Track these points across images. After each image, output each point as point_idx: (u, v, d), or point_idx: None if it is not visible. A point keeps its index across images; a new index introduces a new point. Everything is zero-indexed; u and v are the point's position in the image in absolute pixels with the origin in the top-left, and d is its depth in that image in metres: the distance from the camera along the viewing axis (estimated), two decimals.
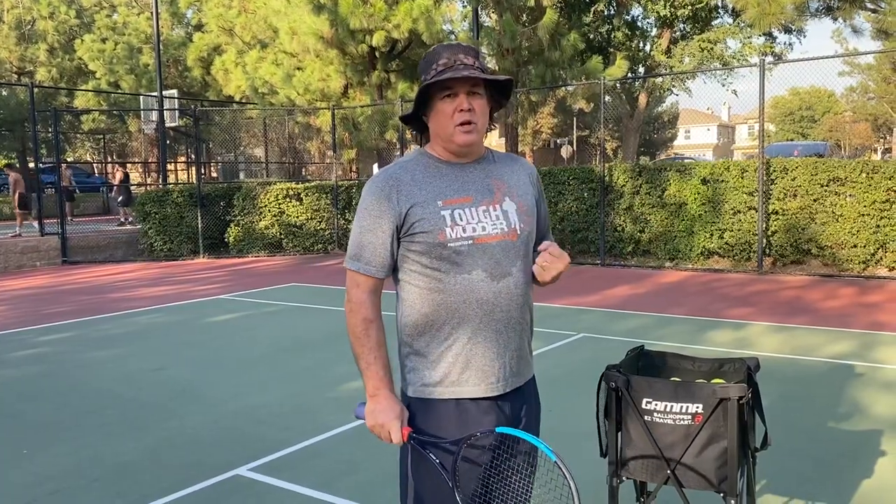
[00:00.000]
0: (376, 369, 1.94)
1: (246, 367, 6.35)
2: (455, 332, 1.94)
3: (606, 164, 12.91)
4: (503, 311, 1.96)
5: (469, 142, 1.94)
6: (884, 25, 15.91)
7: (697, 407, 2.24)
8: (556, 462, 1.73)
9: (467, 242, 1.92)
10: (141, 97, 23.36)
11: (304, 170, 27.15)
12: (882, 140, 43.93)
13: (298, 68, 18.35)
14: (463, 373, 1.94)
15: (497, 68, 17.38)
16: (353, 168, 20.11)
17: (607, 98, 14.48)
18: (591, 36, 20.93)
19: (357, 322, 1.96)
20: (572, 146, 41.86)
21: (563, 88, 16.67)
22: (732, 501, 2.27)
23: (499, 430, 1.88)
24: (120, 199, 20.43)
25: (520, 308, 2.00)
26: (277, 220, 15.45)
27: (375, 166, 22.30)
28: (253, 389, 5.68)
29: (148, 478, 4.03)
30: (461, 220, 1.93)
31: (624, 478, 2.42)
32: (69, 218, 18.18)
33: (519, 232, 1.99)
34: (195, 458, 4.30)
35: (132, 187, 21.35)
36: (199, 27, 28.68)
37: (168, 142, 24.92)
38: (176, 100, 21.43)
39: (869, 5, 15.12)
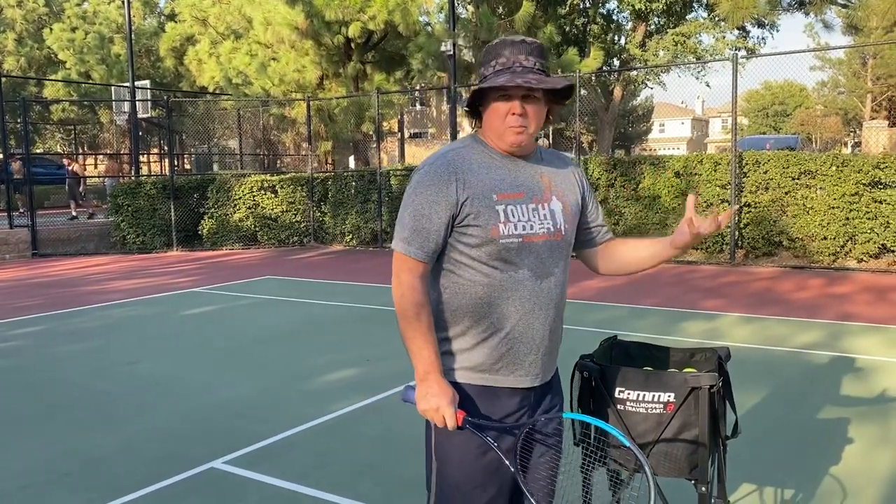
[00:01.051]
0: (428, 353, 1.92)
1: (220, 360, 6.32)
2: (494, 325, 1.95)
3: (582, 157, 12.98)
4: (542, 309, 1.98)
5: (519, 142, 1.94)
6: (854, 21, 16.14)
7: (669, 396, 2.27)
8: (628, 447, 1.77)
9: (517, 240, 1.93)
10: (112, 87, 23.03)
11: (279, 162, 26.96)
12: (852, 134, 44.59)
13: (273, 59, 18.20)
14: (496, 363, 1.96)
15: (473, 60, 17.39)
16: (329, 160, 20.02)
17: (583, 91, 14.54)
18: (567, 28, 21.00)
19: (409, 306, 1.93)
20: (548, 139, 41.99)
21: None
22: (703, 488, 2.30)
23: (566, 415, 1.93)
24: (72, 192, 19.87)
25: (556, 307, 2.02)
26: (252, 212, 15.34)
27: (352, 159, 22.22)
28: (227, 382, 5.65)
29: (121, 471, 4.00)
30: (514, 216, 1.94)
31: (597, 466, 2.44)
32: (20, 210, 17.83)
33: (564, 233, 2.02)
34: (169, 451, 4.28)
35: (105, 179, 21.05)
36: (171, 17, 28.33)
37: (140, 133, 24.61)
38: (148, 90, 21.17)
39: (840, 0, 15.32)
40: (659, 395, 2.28)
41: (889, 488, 3.58)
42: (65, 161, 21.63)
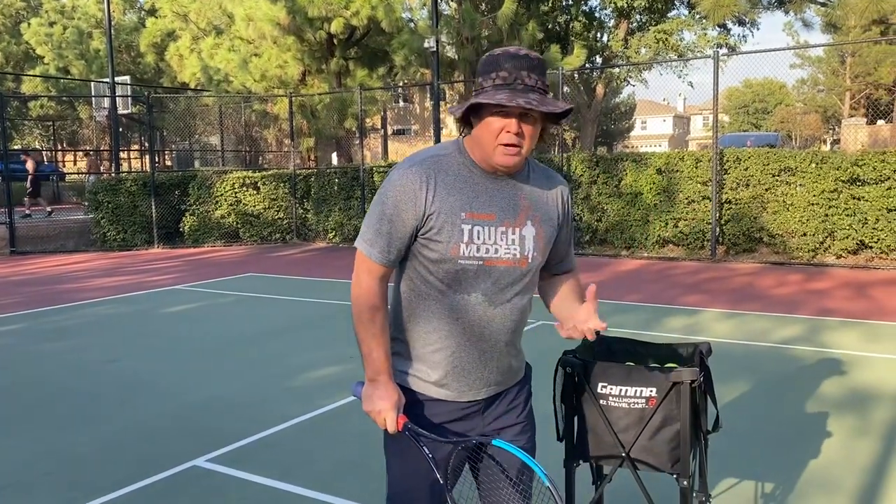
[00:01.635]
0: (378, 355, 1.91)
1: (202, 358, 6.28)
2: (441, 341, 1.92)
3: (564, 155, 13.02)
4: (493, 335, 1.94)
5: (509, 164, 1.85)
6: (832, 19, 16.30)
7: (651, 391, 2.29)
8: (548, 487, 1.68)
9: (477, 263, 1.87)
10: (92, 83, 22.79)
11: (261, 158, 26.83)
12: (831, 131, 45.06)
13: (255, 55, 18.08)
14: (442, 378, 1.94)
15: (456, 57, 17.37)
16: (312, 157, 19.94)
17: (566, 89, 14.59)
18: (550, 26, 21.04)
19: (364, 308, 1.91)
20: None
21: None
22: (685, 482, 2.32)
23: (495, 442, 1.83)
24: (30, 190, 19.53)
25: (511, 332, 1.97)
26: (234, 209, 15.26)
27: (334, 155, 22.14)
28: (210, 380, 5.62)
29: (102, 470, 3.97)
30: (478, 238, 1.87)
31: (580, 461, 2.46)
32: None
33: (530, 260, 1.94)
34: (151, 449, 4.25)
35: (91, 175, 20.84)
36: (152, 12, 28.06)
37: (121, 129, 24.38)
38: (128, 86, 20.97)
39: None
40: (641, 390, 2.29)
41: (867, 479, 3.63)
42: (21, 157, 21.27)
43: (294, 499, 3.58)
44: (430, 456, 1.85)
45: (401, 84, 23.13)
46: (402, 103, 42.30)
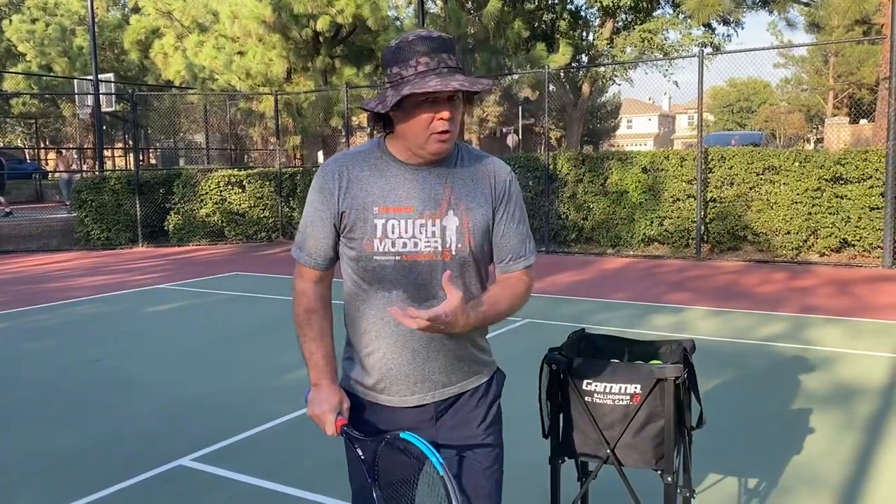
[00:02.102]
0: (317, 359, 1.90)
1: (188, 357, 6.25)
2: (372, 343, 1.87)
3: (550, 153, 13.05)
4: (422, 336, 1.81)
5: (443, 151, 1.79)
6: (815, 19, 16.43)
7: (636, 387, 2.30)
8: (441, 476, 1.62)
9: (394, 258, 1.80)
10: (75, 81, 22.61)
11: (246, 156, 26.72)
12: (815, 130, 45.43)
13: (240, 52, 18.01)
14: (378, 383, 1.89)
15: None
16: (298, 155, 19.88)
17: (551, 87, 14.62)
18: (536, 24, 21.08)
19: (300, 311, 1.92)
20: (518, 135, 42.15)
21: (509, 76, 16.76)
22: (669, 479, 2.34)
23: (402, 435, 1.72)
24: None
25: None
26: (219, 207, 15.18)
27: (321, 154, 22.08)
28: (195, 379, 5.59)
29: (88, 469, 3.95)
30: (393, 232, 1.80)
31: (565, 458, 2.47)
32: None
33: (454, 252, 1.82)
34: (136, 449, 4.23)
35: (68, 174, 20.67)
36: (136, 9, 27.86)
37: (104, 127, 24.20)
38: (112, 84, 20.82)
39: None
40: (626, 387, 2.31)
41: (851, 474, 3.67)
42: None
43: (280, 497, 3.58)
44: (363, 457, 1.83)
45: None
46: None
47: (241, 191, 15.31)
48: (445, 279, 1.71)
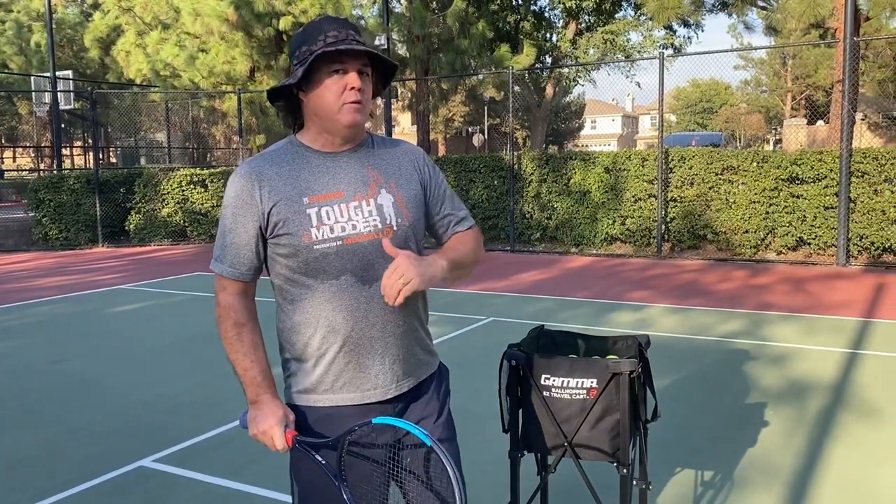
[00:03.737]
0: (253, 374, 1.81)
1: (150, 358, 6.19)
2: (327, 340, 1.80)
3: (515, 153, 13.15)
4: (378, 316, 1.81)
5: (356, 122, 1.78)
6: (773, 23, 16.78)
7: (592, 382, 2.35)
8: (430, 446, 1.63)
9: (335, 244, 1.76)
10: (32, 78, 22.15)
11: (209, 155, 26.42)
12: (774, 131, 46.34)
13: (202, 50, 17.80)
14: (337, 380, 1.82)
15: (408, 55, 17.37)
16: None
17: (516, 88, 14.72)
18: (500, 25, 21.19)
19: (228, 327, 1.82)
20: (484, 134, 42.30)
21: (474, 77, 16.83)
22: (625, 471, 2.40)
23: (375, 420, 1.71)
24: None
25: (400, 312, 1.83)
26: (181, 207, 15.01)
27: None
28: (157, 380, 5.54)
29: (46, 471, 3.89)
30: (329, 218, 1.77)
31: (524, 452, 2.51)
32: None
33: (395, 227, 1.82)
34: (96, 450, 4.18)
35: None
36: (95, 6, 27.39)
37: (63, 125, 23.75)
38: (71, 81, 20.43)
39: (760, 2, 15.90)
40: (582, 381, 2.36)
41: (802, 466, 3.78)
42: None
43: (243, 497, 3.57)
44: (324, 462, 1.76)
45: None
46: None
47: (203, 190, 15.15)
48: (386, 245, 1.73)
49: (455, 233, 1.98)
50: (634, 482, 2.55)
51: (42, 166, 28.11)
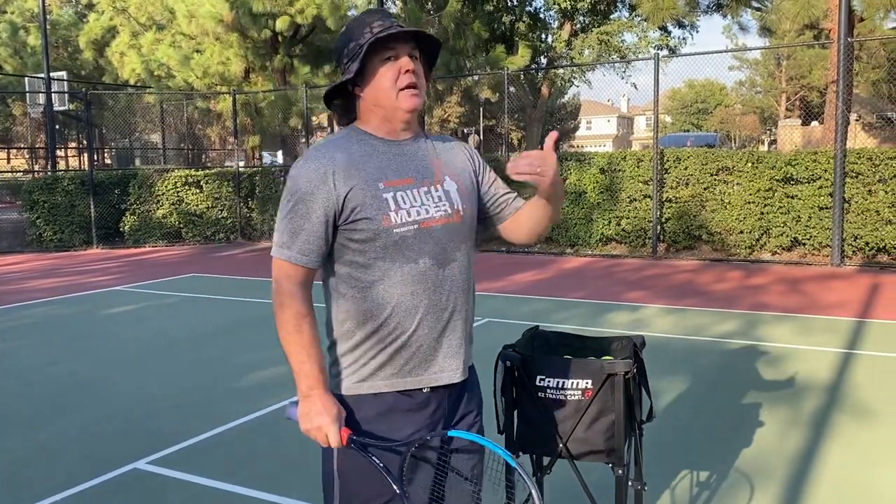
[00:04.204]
0: (310, 367, 1.78)
1: (144, 360, 6.17)
2: (401, 324, 1.81)
3: (510, 154, 13.14)
4: (449, 298, 1.85)
5: (415, 105, 1.82)
6: (767, 23, 16.82)
7: (587, 382, 2.35)
8: (515, 468, 1.66)
9: (413, 227, 1.79)
10: (26, 79, 22.08)
11: (204, 156, 26.38)
12: (769, 132, 46.45)
13: (197, 51, 17.78)
14: (406, 364, 1.83)
15: None
16: (257, 155, 19.71)
17: (511, 88, 14.73)
18: (495, 26, 21.20)
19: (288, 317, 1.79)
20: (479, 135, 42.29)
21: (469, 77, 16.84)
22: (620, 471, 2.39)
23: (451, 433, 1.76)
24: None
25: (465, 293, 1.90)
26: (176, 208, 14.97)
27: (280, 153, 21.89)
28: (151, 382, 5.52)
29: (39, 475, 3.87)
30: (405, 202, 1.80)
31: (520, 453, 2.51)
32: None
33: (463, 213, 1.89)
34: (89, 453, 4.16)
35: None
36: (90, 6, 27.33)
37: (57, 127, 23.68)
38: (65, 82, 20.38)
39: (755, 3, 15.94)
40: (577, 382, 2.35)
41: (798, 467, 3.78)
42: None
43: (238, 499, 3.56)
44: (382, 465, 1.74)
45: None
46: None
47: (198, 191, 15.12)
48: (550, 143, 1.82)
49: (517, 208, 2.05)
50: (630, 483, 2.54)
51: (36, 167, 28.05)
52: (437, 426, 1.89)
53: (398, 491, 1.75)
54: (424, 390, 1.86)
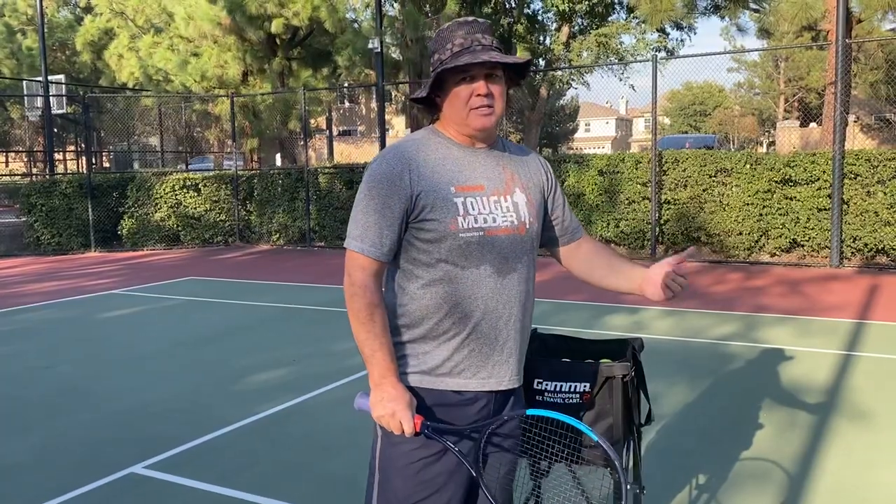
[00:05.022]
0: (382, 356, 1.82)
1: (141, 363, 6.15)
2: (455, 326, 1.86)
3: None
4: (507, 308, 1.90)
5: (486, 125, 1.86)
6: (765, 25, 16.83)
7: (585, 386, 2.33)
8: (597, 442, 1.72)
9: (478, 234, 1.84)
10: (24, 82, 22.07)
11: (202, 159, 26.36)
12: (767, 133, 46.47)
13: (195, 54, 17.77)
14: (457, 366, 1.87)
15: (401, 58, 17.37)
16: (255, 157, 19.70)
17: (510, 90, 14.70)
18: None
19: (362, 307, 1.82)
20: None
21: None
22: (618, 475, 2.38)
23: (530, 412, 1.83)
24: None
25: (521, 305, 1.93)
26: (174, 211, 14.95)
27: (278, 156, 21.89)
28: (149, 385, 5.50)
29: (34, 479, 3.85)
30: (473, 209, 1.84)
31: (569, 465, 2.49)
32: None
33: (528, 226, 1.93)
34: (86, 457, 4.14)
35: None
36: (87, 9, 27.32)
37: (55, 130, 23.67)
38: (63, 85, 20.37)
39: (752, 5, 15.95)
40: (575, 386, 2.34)
41: (796, 469, 3.77)
42: None
43: (234, 503, 3.54)
44: (458, 450, 1.80)
45: (345, 85, 23.01)
46: (347, 104, 42.06)
47: (196, 194, 15.10)
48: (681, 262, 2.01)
49: (577, 239, 2.16)
50: (628, 487, 2.53)
51: (35, 171, 28.03)
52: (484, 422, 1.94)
53: (475, 475, 1.81)
54: (471, 394, 1.91)
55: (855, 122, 22.87)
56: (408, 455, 1.87)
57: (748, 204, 11.07)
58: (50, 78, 18.17)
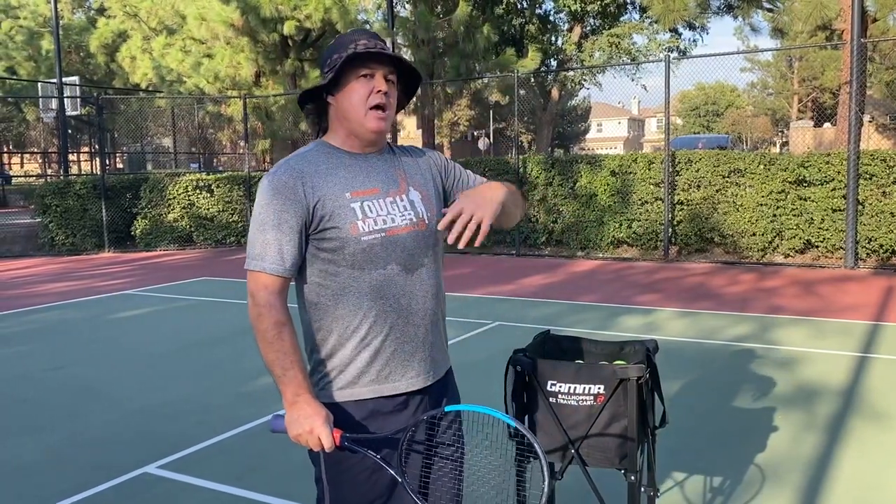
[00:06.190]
0: (294, 373, 1.79)
1: (154, 364, 6.18)
2: (372, 329, 1.86)
3: (521, 157, 13.11)
4: (419, 303, 1.91)
5: (380, 129, 1.88)
6: (779, 24, 16.72)
7: (599, 388, 2.32)
8: (515, 428, 1.70)
9: (380, 235, 1.85)
10: (39, 84, 22.24)
11: (215, 160, 26.49)
12: (780, 134, 46.18)
13: (208, 55, 17.85)
14: (383, 370, 1.88)
15: (413, 59, 17.37)
16: (268, 158, 19.77)
17: (521, 91, 14.70)
18: (505, 29, 21.18)
19: (269, 326, 1.81)
20: (489, 138, 42.27)
21: (479, 81, 16.82)
22: (633, 477, 2.36)
23: (448, 408, 1.84)
24: None
25: (434, 298, 1.95)
26: (187, 212, 15.02)
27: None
28: (161, 386, 5.52)
29: (49, 479, 3.87)
30: (371, 212, 1.86)
31: (531, 458, 2.48)
32: None
33: (427, 221, 1.94)
34: (100, 457, 4.16)
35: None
36: (101, 11, 27.51)
37: (70, 131, 23.84)
38: (77, 87, 20.51)
39: (766, 4, 15.86)
40: (589, 388, 2.33)
41: (811, 473, 3.73)
42: None
43: (247, 503, 3.55)
44: (379, 457, 1.78)
45: None
46: None
47: (209, 195, 15.16)
48: (443, 222, 1.78)
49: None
50: (642, 489, 2.51)
51: (49, 172, 28.23)
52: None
53: (399, 479, 1.78)
54: (397, 396, 1.91)
55: (870, 122, 22.68)
56: (352, 469, 1.87)
57: (762, 205, 11.00)
58: (64, 80, 18.32)
